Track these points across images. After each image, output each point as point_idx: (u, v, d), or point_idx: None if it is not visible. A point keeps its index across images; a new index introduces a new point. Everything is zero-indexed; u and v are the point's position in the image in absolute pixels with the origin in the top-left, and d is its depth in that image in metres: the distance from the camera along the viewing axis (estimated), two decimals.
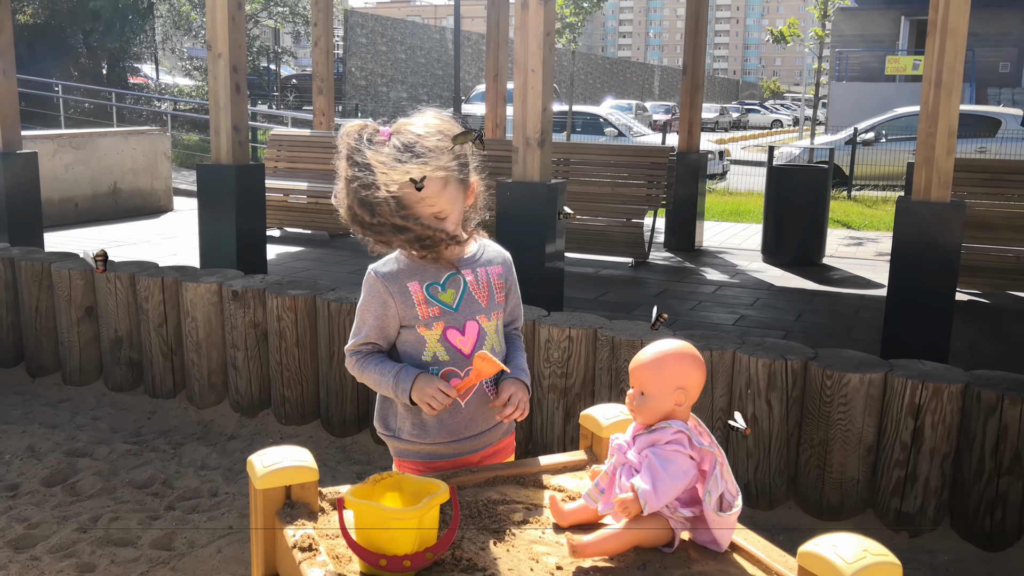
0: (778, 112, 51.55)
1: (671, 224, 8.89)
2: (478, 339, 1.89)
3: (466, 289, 1.89)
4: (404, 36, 29.76)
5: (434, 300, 1.87)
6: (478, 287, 1.91)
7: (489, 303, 1.92)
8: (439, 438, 1.91)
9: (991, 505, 3.30)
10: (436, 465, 1.92)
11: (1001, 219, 6.80)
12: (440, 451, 1.92)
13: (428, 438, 1.91)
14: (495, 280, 1.94)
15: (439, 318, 1.86)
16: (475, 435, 1.94)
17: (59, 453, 4.12)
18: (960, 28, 4.41)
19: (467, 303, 1.89)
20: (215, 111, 5.75)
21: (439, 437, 1.91)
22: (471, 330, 1.89)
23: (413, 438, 1.92)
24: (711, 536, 1.55)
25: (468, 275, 1.90)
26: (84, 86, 20.06)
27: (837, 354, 3.65)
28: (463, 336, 1.88)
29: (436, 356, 1.87)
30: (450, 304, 1.87)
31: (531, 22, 5.03)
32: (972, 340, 5.62)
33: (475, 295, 1.90)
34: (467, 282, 1.89)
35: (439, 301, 1.87)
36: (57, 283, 5.00)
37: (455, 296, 1.88)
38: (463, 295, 1.88)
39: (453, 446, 1.92)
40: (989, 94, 24.88)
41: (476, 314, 1.90)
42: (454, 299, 1.88)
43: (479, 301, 1.90)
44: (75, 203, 9.88)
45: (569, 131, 18.51)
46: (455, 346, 1.88)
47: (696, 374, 1.62)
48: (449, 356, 1.87)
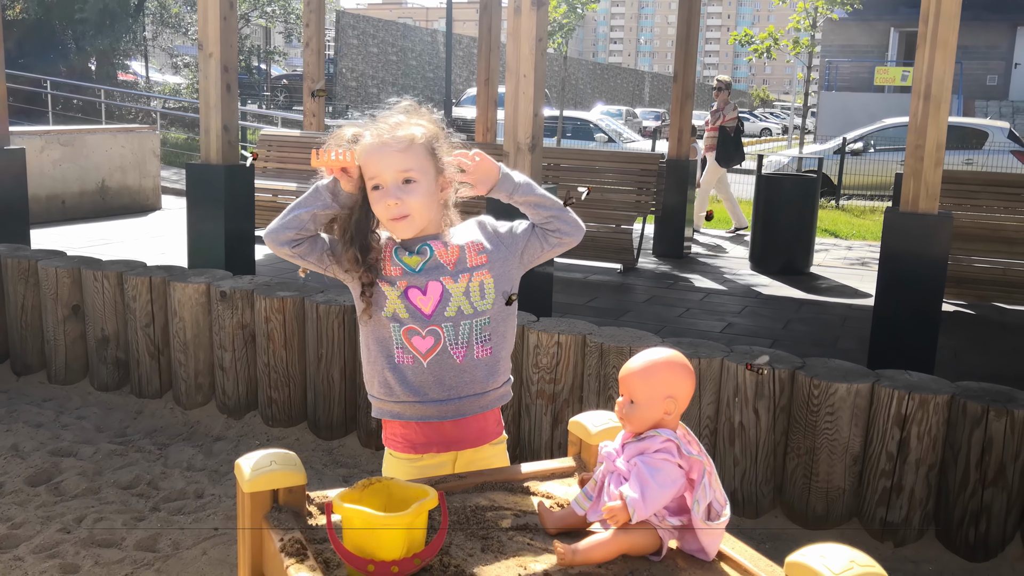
0: (767, 121, 51.79)
1: (660, 231, 8.91)
2: (441, 299, 1.90)
3: (432, 255, 1.92)
4: (396, 38, 29.75)
5: (398, 260, 1.91)
6: (446, 253, 1.93)
7: (457, 266, 1.92)
8: (404, 396, 1.93)
9: (975, 516, 3.32)
10: (409, 432, 1.95)
11: (988, 231, 6.85)
12: (407, 412, 1.94)
13: (393, 397, 1.95)
14: (469, 245, 1.95)
15: (400, 277, 1.90)
16: (443, 399, 1.93)
17: (43, 452, 4.09)
18: (949, 40, 4.44)
19: (431, 266, 1.92)
20: (205, 110, 5.74)
21: (404, 396, 1.93)
22: (433, 290, 1.91)
23: (381, 396, 1.97)
24: (699, 545, 1.55)
25: (437, 245, 1.93)
26: (73, 82, 19.95)
27: (824, 363, 3.67)
28: (424, 295, 1.90)
29: (396, 313, 1.90)
30: (413, 267, 1.91)
31: (523, 27, 5.04)
32: (958, 351, 5.66)
33: (441, 260, 1.92)
34: (434, 251, 1.92)
35: (403, 262, 1.91)
36: (43, 281, 4.97)
37: (419, 262, 1.92)
38: (428, 260, 1.92)
39: (419, 407, 1.93)
40: (976, 106, 25.06)
41: (440, 275, 1.91)
42: (418, 264, 1.91)
43: (445, 266, 1.92)
44: (62, 200, 9.82)
45: (560, 136, 18.54)
46: (415, 304, 1.90)
47: (686, 383, 1.63)
48: (409, 314, 1.90)
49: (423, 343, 1.91)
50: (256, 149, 5.29)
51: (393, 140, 1.87)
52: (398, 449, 2.00)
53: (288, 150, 9.41)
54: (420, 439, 1.96)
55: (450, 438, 1.96)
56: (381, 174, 1.87)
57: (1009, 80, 27.34)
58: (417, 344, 1.91)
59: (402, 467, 1.98)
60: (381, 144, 1.87)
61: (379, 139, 1.88)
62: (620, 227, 7.91)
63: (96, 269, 4.88)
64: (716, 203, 12.46)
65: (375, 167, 1.87)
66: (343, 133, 1.94)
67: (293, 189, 8.83)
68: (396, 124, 1.91)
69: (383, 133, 1.89)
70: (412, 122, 1.92)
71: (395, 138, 1.88)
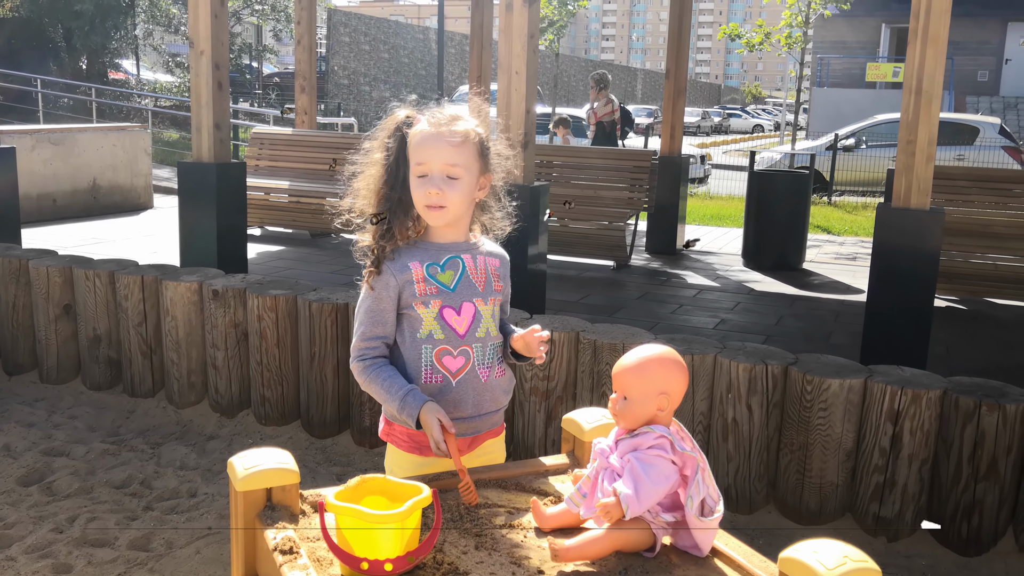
0: (759, 117, 51.87)
1: (653, 227, 8.92)
2: (473, 320, 1.94)
3: (464, 272, 1.95)
4: (387, 35, 29.67)
5: (433, 279, 1.93)
6: (476, 272, 1.97)
7: (486, 289, 1.97)
8: None
9: (968, 511, 3.33)
10: (417, 435, 1.94)
11: (979, 226, 6.87)
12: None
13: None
14: (493, 270, 2.00)
15: (436, 296, 1.92)
16: (465, 417, 1.95)
17: (35, 452, 4.07)
18: (941, 36, 4.45)
19: (464, 285, 1.95)
20: (196, 108, 5.72)
21: None
22: (467, 311, 1.94)
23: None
24: (692, 541, 1.55)
25: (467, 259, 1.96)
26: (64, 81, 19.87)
27: (817, 359, 3.68)
28: (459, 316, 1.93)
29: (431, 334, 1.92)
30: (448, 285, 1.93)
31: (515, 24, 5.03)
32: (950, 346, 5.67)
33: (472, 279, 1.96)
34: (466, 266, 1.96)
35: (437, 281, 1.93)
36: (35, 280, 4.95)
37: (453, 277, 1.94)
38: (461, 277, 1.95)
39: None
40: (967, 102, 25.13)
41: (473, 296, 1.95)
42: (452, 280, 1.94)
43: (476, 285, 1.96)
44: (54, 199, 9.79)
45: (552, 134, 18.50)
46: (450, 325, 1.93)
47: (679, 379, 1.63)
48: (444, 335, 1.92)
49: (454, 363, 1.93)
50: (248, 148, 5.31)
51: (449, 133, 1.90)
52: (403, 448, 2.01)
53: (280, 148, 9.39)
54: (427, 442, 1.96)
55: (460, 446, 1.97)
56: (430, 163, 1.89)
57: (1000, 76, 27.42)
58: (448, 364, 1.93)
59: (406, 462, 2.00)
60: (437, 134, 1.90)
61: (436, 128, 1.91)
62: (613, 224, 7.91)
63: (88, 268, 4.86)
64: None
65: (426, 154, 1.90)
66: (398, 115, 1.96)
67: (285, 187, 8.82)
68: (454, 117, 1.94)
69: (441, 123, 1.91)
70: (469, 118, 1.96)
71: (451, 131, 1.91)
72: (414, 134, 1.92)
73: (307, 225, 8.87)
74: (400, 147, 1.93)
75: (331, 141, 9.29)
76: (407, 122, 1.94)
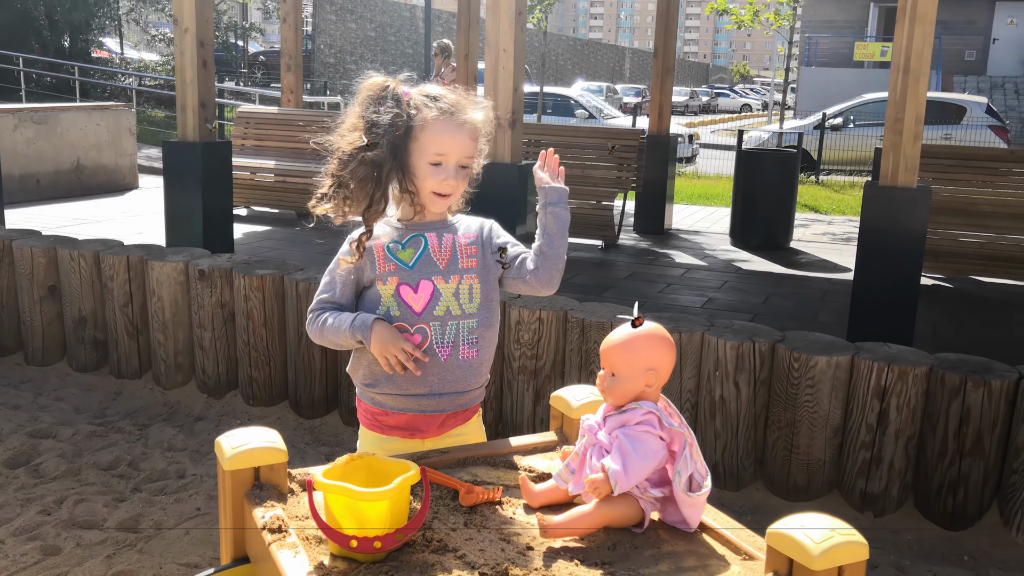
0: (747, 96, 51.83)
1: (641, 207, 8.91)
2: (431, 298, 1.94)
3: (425, 250, 1.96)
4: (374, 13, 29.45)
5: (392, 257, 1.95)
6: (439, 250, 1.96)
7: (449, 267, 1.96)
8: (386, 389, 1.98)
9: (953, 486, 3.36)
10: (387, 418, 1.99)
11: (965, 205, 6.89)
12: (388, 402, 1.99)
13: (376, 388, 1.99)
14: (463, 246, 1.99)
15: (394, 273, 1.94)
16: (423, 394, 1.96)
17: (22, 434, 4.05)
18: (928, 15, 4.44)
19: (424, 263, 1.95)
20: (181, 87, 5.66)
21: (387, 388, 1.98)
22: (424, 289, 1.94)
23: (364, 385, 2.02)
24: (681, 516, 1.56)
25: (431, 238, 1.97)
26: (46, 59, 19.63)
27: (804, 337, 3.69)
28: (415, 293, 1.94)
29: (389, 311, 1.94)
30: (406, 262, 1.95)
31: (503, 2, 5.00)
32: (936, 324, 5.71)
33: (434, 257, 1.96)
34: (428, 244, 1.96)
35: (396, 258, 1.95)
36: (19, 261, 4.91)
37: (413, 255, 1.95)
38: (421, 255, 1.95)
39: (400, 400, 1.97)
40: (955, 82, 25.15)
41: (432, 274, 1.95)
42: (411, 258, 1.95)
43: (437, 263, 1.95)
44: (37, 179, 9.69)
45: (540, 112, 18.47)
46: (406, 302, 1.93)
47: (666, 355, 1.63)
48: (400, 312, 1.93)
49: (411, 340, 1.92)
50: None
51: (470, 124, 1.92)
52: (367, 427, 2.06)
53: (266, 127, 9.32)
54: (390, 422, 2.01)
55: (419, 427, 2.00)
56: (449, 154, 1.91)
57: (987, 55, 27.42)
58: None
59: (367, 438, 2.06)
60: (460, 125, 1.91)
61: (458, 119, 1.91)
62: (601, 203, 7.90)
63: (72, 249, 4.82)
64: None
65: (447, 144, 1.91)
66: (378, 82, 1.92)
67: (271, 167, 8.76)
68: (469, 104, 1.94)
69: (461, 112, 1.92)
70: (481, 108, 1.97)
71: (472, 122, 1.92)
72: (430, 120, 1.89)
73: (293, 205, 8.82)
74: (399, 124, 1.88)
75: (317, 120, 9.22)
76: (409, 103, 1.90)
